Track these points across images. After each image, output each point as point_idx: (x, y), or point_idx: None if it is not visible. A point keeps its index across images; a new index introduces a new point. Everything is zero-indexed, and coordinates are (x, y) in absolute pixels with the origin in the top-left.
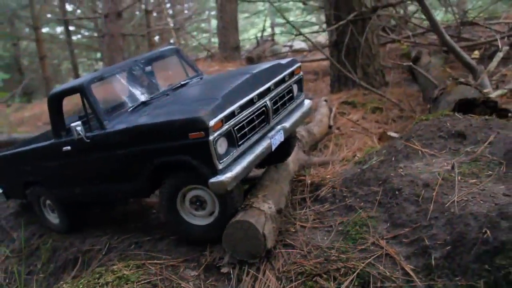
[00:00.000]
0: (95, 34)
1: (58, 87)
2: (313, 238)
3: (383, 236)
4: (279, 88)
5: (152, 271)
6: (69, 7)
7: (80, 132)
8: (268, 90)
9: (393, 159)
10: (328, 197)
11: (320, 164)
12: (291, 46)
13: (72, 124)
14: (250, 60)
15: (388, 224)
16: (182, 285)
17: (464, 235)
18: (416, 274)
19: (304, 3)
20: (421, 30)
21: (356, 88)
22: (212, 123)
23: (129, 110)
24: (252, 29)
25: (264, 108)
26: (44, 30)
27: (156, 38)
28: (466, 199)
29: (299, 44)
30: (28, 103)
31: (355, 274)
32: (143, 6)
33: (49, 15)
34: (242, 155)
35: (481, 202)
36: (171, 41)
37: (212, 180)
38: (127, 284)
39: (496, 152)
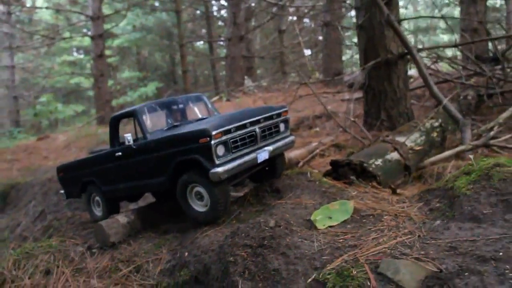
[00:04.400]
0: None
1: (117, 112)
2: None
3: None
4: (267, 122)
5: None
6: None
7: (130, 141)
8: (258, 121)
9: None
10: None
11: None
12: None
13: (125, 135)
14: (351, 86)
15: None
16: (71, 256)
17: None
18: None
19: None
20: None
21: (382, 129)
22: (214, 132)
23: (164, 129)
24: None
25: (253, 132)
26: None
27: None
28: None
29: None
30: None
31: None
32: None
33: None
34: (234, 159)
35: None
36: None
37: (212, 170)
38: None
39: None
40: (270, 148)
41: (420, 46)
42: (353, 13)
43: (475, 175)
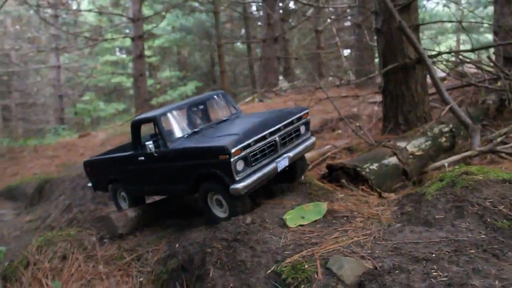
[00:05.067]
0: None
1: (138, 117)
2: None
3: None
4: (287, 129)
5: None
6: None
7: (152, 149)
8: (278, 130)
9: None
10: None
11: None
12: None
13: (146, 143)
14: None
15: None
16: (85, 244)
17: None
18: None
19: None
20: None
21: (399, 133)
22: (233, 150)
23: (185, 136)
24: None
25: (273, 142)
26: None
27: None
28: None
29: None
30: None
31: None
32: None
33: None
34: (254, 172)
35: None
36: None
37: (232, 186)
38: None
39: None
40: (290, 154)
41: (435, 52)
42: None
43: (444, 182)
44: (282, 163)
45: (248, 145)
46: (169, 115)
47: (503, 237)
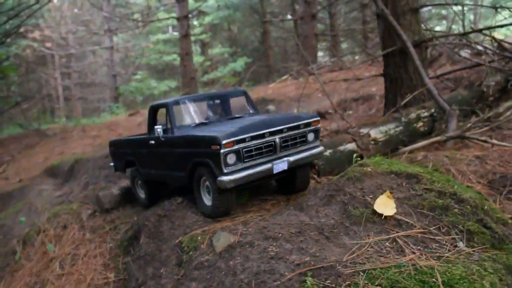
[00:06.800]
0: None
1: (156, 102)
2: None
3: None
4: (291, 132)
5: None
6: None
7: (160, 133)
8: (280, 131)
9: None
10: None
11: None
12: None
13: (156, 127)
14: None
15: None
16: (81, 217)
17: None
18: None
19: None
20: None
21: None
22: (224, 141)
23: (192, 126)
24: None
25: (273, 142)
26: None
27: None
28: None
29: None
30: (254, 87)
31: None
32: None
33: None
34: (246, 169)
35: None
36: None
37: (219, 178)
38: None
39: None
40: (291, 158)
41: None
42: None
43: (342, 173)
44: (280, 165)
45: (243, 140)
46: (181, 103)
47: (350, 223)
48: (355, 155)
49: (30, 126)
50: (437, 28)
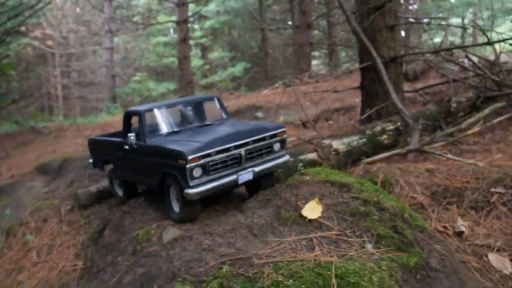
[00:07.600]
0: None
1: (130, 108)
2: None
3: None
4: (257, 144)
5: None
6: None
7: (132, 141)
8: (246, 144)
9: None
10: None
11: None
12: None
13: (129, 134)
14: (405, 75)
15: None
16: (61, 211)
17: None
18: None
19: None
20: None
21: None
22: (190, 157)
23: (164, 134)
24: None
25: (238, 155)
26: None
27: None
28: None
29: None
30: (249, 92)
31: None
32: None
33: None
34: (211, 181)
35: None
36: None
37: (185, 191)
38: None
39: None
40: (256, 169)
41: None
42: None
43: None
44: (245, 176)
45: (208, 155)
46: (154, 111)
47: (278, 224)
48: (300, 164)
49: (26, 123)
50: (436, 40)
